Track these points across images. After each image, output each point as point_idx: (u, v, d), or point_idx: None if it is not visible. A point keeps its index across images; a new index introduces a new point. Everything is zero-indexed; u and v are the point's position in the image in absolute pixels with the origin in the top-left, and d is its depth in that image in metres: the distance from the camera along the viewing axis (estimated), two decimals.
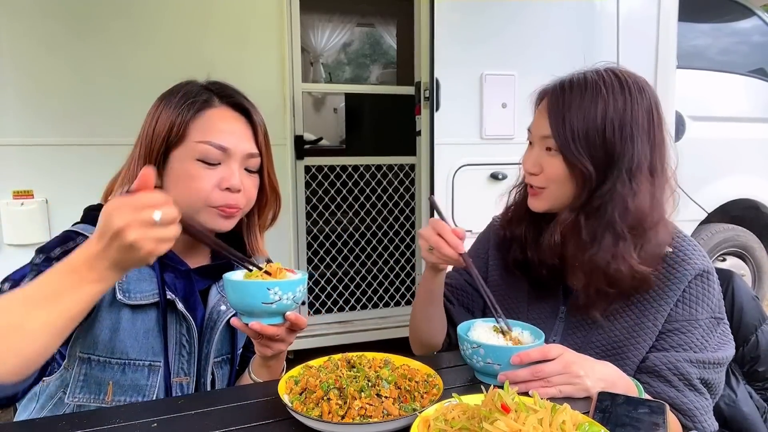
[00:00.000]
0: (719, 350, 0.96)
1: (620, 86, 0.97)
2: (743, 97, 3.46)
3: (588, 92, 0.96)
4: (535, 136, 1.03)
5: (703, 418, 0.93)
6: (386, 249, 3.31)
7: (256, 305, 0.84)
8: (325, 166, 3.10)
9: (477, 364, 0.91)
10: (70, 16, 2.34)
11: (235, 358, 1.09)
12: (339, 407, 0.73)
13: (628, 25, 2.72)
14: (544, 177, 1.01)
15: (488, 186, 2.55)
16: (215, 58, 2.54)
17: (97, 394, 0.93)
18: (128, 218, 0.68)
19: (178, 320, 0.99)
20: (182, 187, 0.95)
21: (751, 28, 3.52)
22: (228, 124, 0.99)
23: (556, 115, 0.97)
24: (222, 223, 0.98)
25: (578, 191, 0.98)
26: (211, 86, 1.03)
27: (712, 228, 3.36)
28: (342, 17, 5.56)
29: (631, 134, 0.95)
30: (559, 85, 1.01)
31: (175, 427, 0.78)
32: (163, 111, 0.97)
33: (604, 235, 0.96)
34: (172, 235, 0.72)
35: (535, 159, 1.02)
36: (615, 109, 0.95)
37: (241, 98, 1.04)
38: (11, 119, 2.28)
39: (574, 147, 0.95)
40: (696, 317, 0.97)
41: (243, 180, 0.98)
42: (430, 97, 2.42)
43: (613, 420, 0.75)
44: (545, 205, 1.04)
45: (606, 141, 0.95)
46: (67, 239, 0.94)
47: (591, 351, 1.01)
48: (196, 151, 0.95)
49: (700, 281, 0.98)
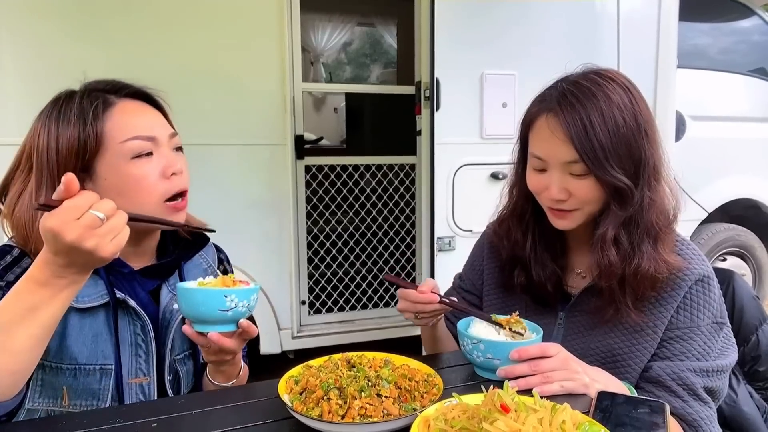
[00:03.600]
0: (722, 357, 0.95)
1: (619, 85, 0.94)
2: (743, 97, 3.46)
3: (600, 101, 0.91)
4: (555, 163, 0.94)
5: (708, 428, 0.91)
6: (386, 249, 3.31)
7: (212, 312, 0.86)
8: (326, 166, 3.10)
9: (477, 359, 0.92)
10: (70, 16, 2.34)
11: (197, 353, 1.08)
12: (339, 407, 0.73)
13: (629, 24, 2.71)
14: (576, 200, 0.95)
15: (488, 186, 2.55)
16: (215, 58, 2.53)
17: (54, 399, 0.93)
18: (77, 230, 0.69)
19: (130, 320, 0.97)
20: (130, 192, 0.92)
21: (752, 28, 3.52)
22: (139, 114, 0.96)
23: (580, 137, 0.89)
24: (176, 217, 0.98)
25: (613, 206, 0.94)
26: (98, 86, 0.98)
27: (712, 228, 3.36)
28: (342, 17, 5.56)
29: (647, 135, 0.93)
30: (564, 101, 0.92)
31: (175, 427, 0.78)
32: (60, 129, 0.91)
33: (644, 242, 0.93)
34: (121, 224, 0.74)
35: (559, 185, 0.95)
36: (629, 114, 0.91)
37: (134, 87, 1.01)
38: (11, 119, 2.28)
39: (609, 166, 0.90)
40: (697, 324, 0.95)
41: (179, 162, 0.98)
42: (431, 97, 2.42)
43: (613, 420, 0.75)
44: (575, 224, 0.99)
45: (632, 149, 0.91)
46: (2, 254, 0.92)
47: (591, 358, 1.00)
48: (126, 151, 0.92)
49: (701, 286, 0.96)
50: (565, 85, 0.95)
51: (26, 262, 0.92)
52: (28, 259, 0.92)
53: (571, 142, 0.90)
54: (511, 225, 1.10)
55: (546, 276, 1.04)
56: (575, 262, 1.08)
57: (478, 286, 1.19)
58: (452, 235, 2.56)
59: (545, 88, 1.00)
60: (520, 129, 1.03)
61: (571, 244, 1.09)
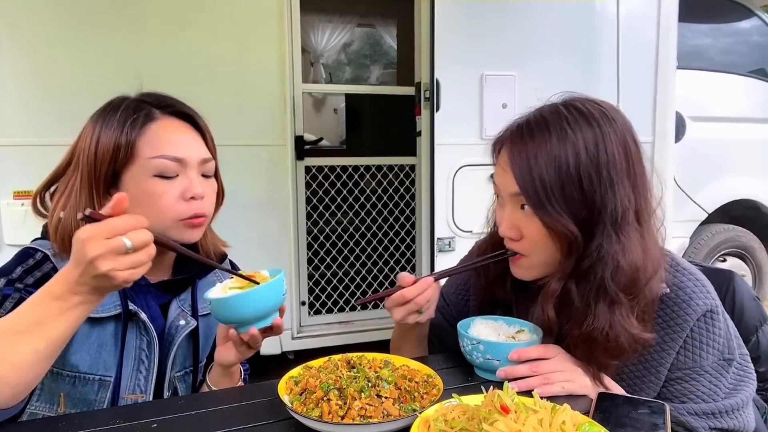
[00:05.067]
0: (733, 395, 0.89)
1: (586, 121, 0.84)
2: (743, 98, 3.46)
3: (553, 135, 0.83)
4: (505, 195, 0.90)
5: None
6: (386, 249, 3.31)
7: (278, 301, 0.89)
8: (326, 167, 3.10)
9: (477, 360, 0.92)
10: (71, 16, 2.34)
11: (198, 370, 1.07)
12: (339, 408, 0.72)
13: (628, 25, 2.71)
14: (526, 243, 0.89)
15: (488, 186, 2.52)
16: (215, 59, 2.54)
17: (51, 404, 0.92)
18: (100, 249, 0.69)
19: (138, 334, 0.97)
20: (146, 207, 0.92)
21: (751, 29, 3.52)
22: (176, 134, 0.96)
23: (521, 171, 0.84)
24: (190, 234, 0.97)
25: (564, 255, 0.86)
26: (147, 99, 0.99)
27: (712, 228, 3.36)
28: (342, 17, 5.56)
29: (610, 179, 0.82)
30: (517, 131, 0.88)
31: (175, 427, 0.78)
32: (102, 132, 0.93)
33: (597, 302, 0.83)
34: (145, 259, 0.73)
35: (509, 221, 0.89)
36: (587, 151, 0.82)
37: (182, 106, 1.01)
38: (11, 119, 2.28)
39: (550, 207, 0.82)
40: (701, 364, 0.88)
41: (203, 187, 0.97)
42: (431, 98, 2.42)
43: (613, 420, 0.75)
44: (531, 275, 0.92)
45: (585, 193, 0.82)
46: (25, 256, 0.93)
47: None
48: (151, 168, 0.92)
49: (704, 323, 0.88)
50: (528, 116, 0.90)
51: (47, 266, 0.92)
52: (49, 263, 0.93)
53: (513, 174, 0.85)
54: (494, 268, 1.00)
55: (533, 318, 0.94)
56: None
57: (462, 306, 1.12)
58: (452, 235, 2.56)
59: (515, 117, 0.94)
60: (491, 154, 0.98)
61: None
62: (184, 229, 0.96)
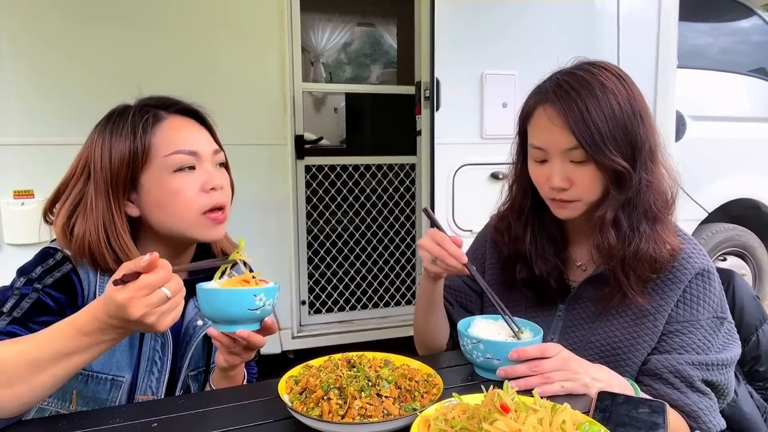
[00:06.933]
0: (723, 351, 0.95)
1: (613, 74, 0.97)
2: (744, 97, 3.46)
3: (597, 90, 0.94)
4: (555, 151, 0.97)
5: (707, 418, 0.92)
6: (386, 249, 3.31)
7: (242, 312, 0.86)
8: (326, 166, 3.10)
9: (477, 359, 0.92)
10: (71, 16, 2.33)
11: (210, 370, 1.08)
12: (339, 407, 0.73)
13: (629, 24, 2.71)
14: (577, 190, 0.97)
15: (488, 186, 2.55)
16: (216, 58, 2.53)
17: (63, 401, 0.94)
18: (144, 308, 0.73)
19: (153, 336, 0.99)
20: (170, 205, 0.95)
21: (752, 28, 3.52)
22: (185, 130, 1.00)
23: (578, 124, 0.92)
24: (213, 232, 1.00)
25: (612, 189, 0.96)
26: (150, 102, 1.02)
27: (712, 228, 3.36)
28: (342, 17, 5.56)
29: (641, 119, 0.95)
30: (561, 91, 0.96)
31: (175, 427, 0.78)
32: (114, 140, 0.95)
33: (642, 224, 0.96)
34: (180, 302, 0.78)
35: (561, 175, 0.97)
36: (624, 99, 0.94)
37: (185, 104, 1.04)
38: (11, 119, 2.28)
39: (607, 150, 0.92)
40: (697, 318, 0.96)
41: (220, 178, 1.01)
42: (431, 97, 2.41)
43: (613, 420, 0.75)
44: (577, 214, 1.01)
45: (628, 133, 0.94)
46: (46, 256, 0.95)
47: (590, 352, 1.01)
48: (168, 165, 0.95)
49: (701, 280, 0.97)
50: (560, 76, 0.99)
51: (67, 266, 0.94)
52: (69, 264, 0.95)
53: (570, 129, 0.93)
54: (511, 220, 1.11)
55: (548, 270, 1.05)
56: (576, 255, 1.09)
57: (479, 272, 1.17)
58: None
59: (540, 81, 1.03)
60: (518, 123, 1.06)
61: (571, 237, 1.10)
62: (208, 227, 0.98)
